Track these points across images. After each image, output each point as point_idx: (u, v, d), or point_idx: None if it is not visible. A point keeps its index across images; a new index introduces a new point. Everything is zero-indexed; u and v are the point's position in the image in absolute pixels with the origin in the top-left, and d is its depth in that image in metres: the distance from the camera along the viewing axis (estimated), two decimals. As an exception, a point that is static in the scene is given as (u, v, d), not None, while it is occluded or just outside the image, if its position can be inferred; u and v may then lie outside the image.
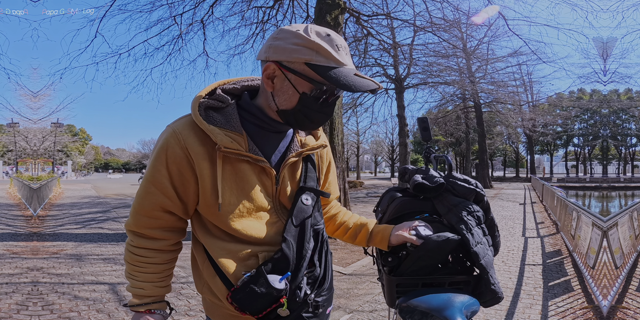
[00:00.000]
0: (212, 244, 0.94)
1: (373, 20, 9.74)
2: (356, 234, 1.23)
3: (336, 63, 0.85)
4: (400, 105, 17.77)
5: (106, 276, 4.11)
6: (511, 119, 26.24)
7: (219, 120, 0.91)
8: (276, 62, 0.87)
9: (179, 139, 0.89)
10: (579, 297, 3.40)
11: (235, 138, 0.90)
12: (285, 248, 0.92)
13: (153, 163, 0.91)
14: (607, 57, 17.48)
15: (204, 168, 0.89)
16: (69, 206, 11.65)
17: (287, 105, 0.91)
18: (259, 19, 9.27)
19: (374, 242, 1.21)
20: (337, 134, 6.57)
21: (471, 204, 1.27)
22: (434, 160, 1.53)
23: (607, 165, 39.16)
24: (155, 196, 0.91)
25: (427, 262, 1.20)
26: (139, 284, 0.96)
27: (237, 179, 0.92)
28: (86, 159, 64.45)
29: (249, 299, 0.88)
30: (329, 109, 0.93)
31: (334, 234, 1.26)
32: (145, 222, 0.94)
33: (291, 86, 0.88)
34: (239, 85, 0.99)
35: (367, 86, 0.85)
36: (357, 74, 0.86)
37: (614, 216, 3.83)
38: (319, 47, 0.84)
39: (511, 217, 9.26)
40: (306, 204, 0.98)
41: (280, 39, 0.87)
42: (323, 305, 0.98)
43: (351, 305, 3.26)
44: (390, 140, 41.35)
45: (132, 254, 0.96)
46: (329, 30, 0.88)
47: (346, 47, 0.89)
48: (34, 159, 29.48)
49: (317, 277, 0.97)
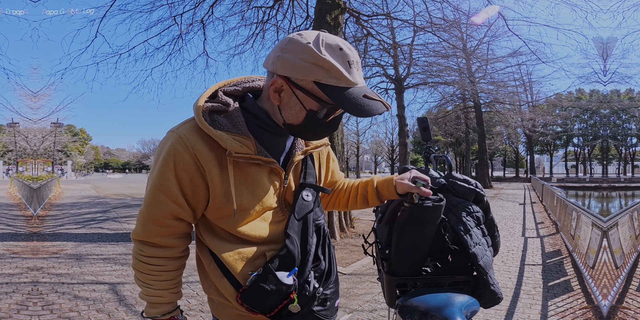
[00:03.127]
0: (219, 246, 0.93)
1: (373, 20, 9.73)
2: (365, 197, 1.20)
3: (346, 83, 0.82)
4: (400, 105, 17.77)
5: (106, 276, 4.11)
6: (511, 119, 26.26)
7: (225, 124, 0.89)
8: (284, 78, 0.84)
9: (187, 146, 0.86)
10: (578, 297, 3.40)
11: (243, 142, 0.88)
12: (289, 244, 0.92)
13: (161, 170, 0.88)
14: (607, 58, 17.50)
15: (215, 174, 0.88)
16: (68, 206, 11.65)
17: (294, 121, 0.89)
18: (259, 19, 9.27)
19: (385, 197, 1.19)
20: (337, 134, 6.58)
21: (471, 204, 1.28)
22: (433, 160, 1.53)
23: (607, 165, 39.20)
24: (165, 204, 0.89)
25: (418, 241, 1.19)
26: (156, 292, 0.95)
27: (247, 183, 0.92)
28: (86, 159, 64.45)
29: (259, 298, 0.88)
30: (335, 123, 0.93)
31: (347, 206, 1.24)
32: (156, 231, 0.92)
33: (298, 102, 0.86)
34: (240, 87, 0.97)
35: (376, 110, 0.82)
36: (367, 95, 0.83)
37: (615, 216, 3.83)
38: (330, 66, 0.80)
39: (511, 217, 9.26)
40: (307, 200, 0.99)
41: (289, 51, 0.83)
42: (331, 298, 0.99)
43: (351, 305, 3.26)
44: (390, 140, 41.32)
45: (144, 263, 0.94)
46: (342, 42, 0.84)
47: (358, 61, 0.85)
48: (34, 159, 29.49)
49: (323, 270, 0.98)
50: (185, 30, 8.96)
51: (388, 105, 0.86)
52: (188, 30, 9.02)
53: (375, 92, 0.87)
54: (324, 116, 0.89)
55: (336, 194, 1.26)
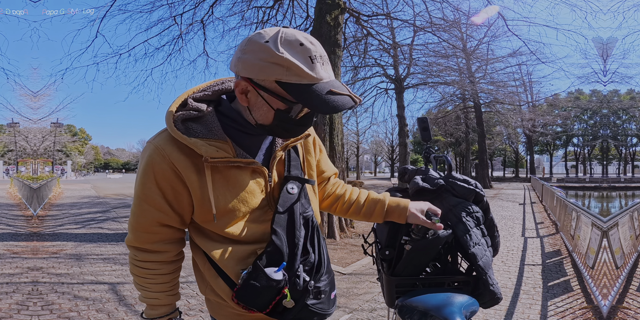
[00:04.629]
0: (211, 247, 0.94)
1: (373, 21, 9.73)
2: (371, 211, 1.19)
3: (309, 80, 0.80)
4: (400, 105, 17.77)
5: (106, 276, 4.11)
6: (511, 119, 26.24)
7: (199, 130, 0.89)
8: (247, 79, 0.84)
9: (163, 155, 0.88)
10: (578, 297, 3.40)
11: (220, 146, 0.89)
12: (275, 240, 0.92)
13: (142, 180, 0.90)
14: (607, 58, 17.50)
15: (194, 181, 0.89)
16: (68, 206, 11.65)
17: (264, 121, 0.90)
18: (259, 19, 9.27)
19: (392, 218, 1.19)
20: (337, 134, 6.57)
21: (470, 204, 1.27)
22: (433, 161, 1.53)
23: (607, 165, 39.20)
24: (150, 213, 0.92)
25: (421, 260, 1.20)
26: (153, 294, 0.99)
27: (230, 186, 0.92)
28: (86, 159, 64.46)
29: (252, 295, 0.89)
30: (308, 120, 0.92)
31: (347, 214, 1.24)
32: (146, 238, 0.95)
33: (265, 103, 0.86)
34: (210, 91, 0.96)
35: (342, 106, 0.81)
36: (333, 91, 0.81)
37: (615, 216, 3.83)
38: (289, 64, 0.78)
39: (511, 217, 9.26)
40: (292, 193, 0.99)
41: (248, 52, 0.82)
42: (325, 290, 0.98)
43: (351, 305, 3.27)
44: (390, 140, 41.38)
45: (139, 267, 0.98)
46: (303, 37, 0.81)
47: (322, 56, 0.83)
48: (34, 159, 29.50)
49: (313, 263, 0.97)
50: (185, 30, 8.96)
51: (358, 98, 0.85)
52: (188, 30, 9.03)
53: (344, 85, 0.85)
54: (296, 114, 0.88)
55: (334, 198, 1.24)
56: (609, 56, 17.62)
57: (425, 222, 1.11)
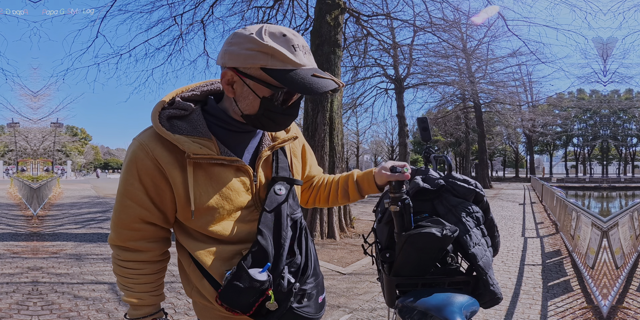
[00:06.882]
0: (195, 247, 0.94)
1: (373, 21, 9.73)
2: (346, 191, 1.22)
3: (293, 65, 0.84)
4: (400, 105, 17.78)
5: (106, 276, 4.11)
6: (511, 119, 26.25)
7: (184, 128, 0.91)
8: (233, 69, 0.87)
9: (147, 151, 0.89)
10: (578, 297, 3.40)
11: (204, 143, 0.90)
12: (261, 240, 0.92)
13: (125, 176, 0.91)
14: (607, 58, 17.51)
15: (176, 177, 0.90)
16: (68, 206, 11.65)
17: (250, 110, 0.91)
18: (259, 19, 9.26)
19: (365, 190, 1.21)
20: (337, 134, 6.57)
21: (470, 204, 1.27)
22: (433, 161, 1.53)
23: (607, 165, 39.21)
24: (132, 209, 0.92)
25: (419, 258, 1.19)
26: (136, 295, 0.97)
27: (213, 183, 0.92)
28: (86, 159, 64.44)
29: (235, 296, 0.88)
30: (294, 110, 0.93)
31: (329, 201, 1.26)
32: (127, 235, 0.94)
33: (251, 91, 0.88)
34: (198, 91, 0.99)
35: (326, 87, 0.84)
36: (316, 75, 0.85)
37: (615, 216, 3.83)
38: (273, 51, 0.82)
39: (511, 217, 9.27)
40: (279, 194, 0.98)
41: (234, 44, 0.86)
42: (312, 294, 0.97)
43: (351, 305, 3.27)
44: (390, 140, 41.33)
45: (121, 267, 0.97)
46: (285, 30, 0.86)
47: (304, 46, 0.87)
48: (34, 159, 29.50)
49: (299, 265, 0.96)
50: (186, 30, 8.97)
51: (340, 82, 0.87)
52: (188, 30, 9.04)
53: (327, 73, 0.88)
54: (282, 103, 0.90)
55: (316, 189, 1.27)
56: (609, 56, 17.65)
57: (392, 176, 1.09)
